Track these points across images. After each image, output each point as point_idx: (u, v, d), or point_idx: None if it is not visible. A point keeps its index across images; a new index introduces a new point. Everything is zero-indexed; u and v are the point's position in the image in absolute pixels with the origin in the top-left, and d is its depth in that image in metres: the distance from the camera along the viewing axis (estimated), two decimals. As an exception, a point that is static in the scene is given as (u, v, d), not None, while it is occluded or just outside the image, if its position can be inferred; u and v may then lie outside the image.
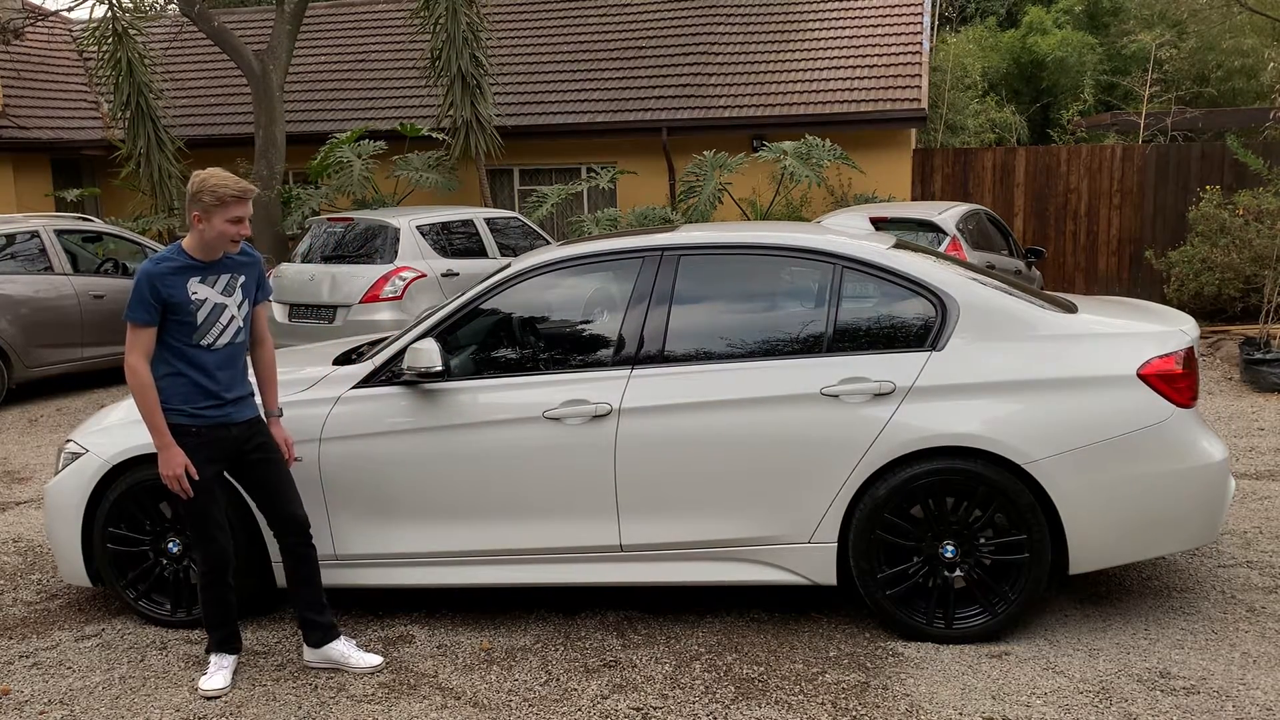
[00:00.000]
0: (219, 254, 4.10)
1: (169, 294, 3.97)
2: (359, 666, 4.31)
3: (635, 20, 18.11)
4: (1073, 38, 25.77)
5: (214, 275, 4.09)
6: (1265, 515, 5.89)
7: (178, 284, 4.00)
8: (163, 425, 4.00)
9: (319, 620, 4.32)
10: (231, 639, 4.29)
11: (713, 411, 4.40)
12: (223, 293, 4.11)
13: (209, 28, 14.43)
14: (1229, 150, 13.15)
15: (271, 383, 4.37)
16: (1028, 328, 4.40)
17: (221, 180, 3.99)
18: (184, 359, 4.05)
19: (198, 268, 4.06)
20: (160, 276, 3.98)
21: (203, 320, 4.05)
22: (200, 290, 4.04)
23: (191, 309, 4.01)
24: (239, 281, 4.16)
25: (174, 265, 4.02)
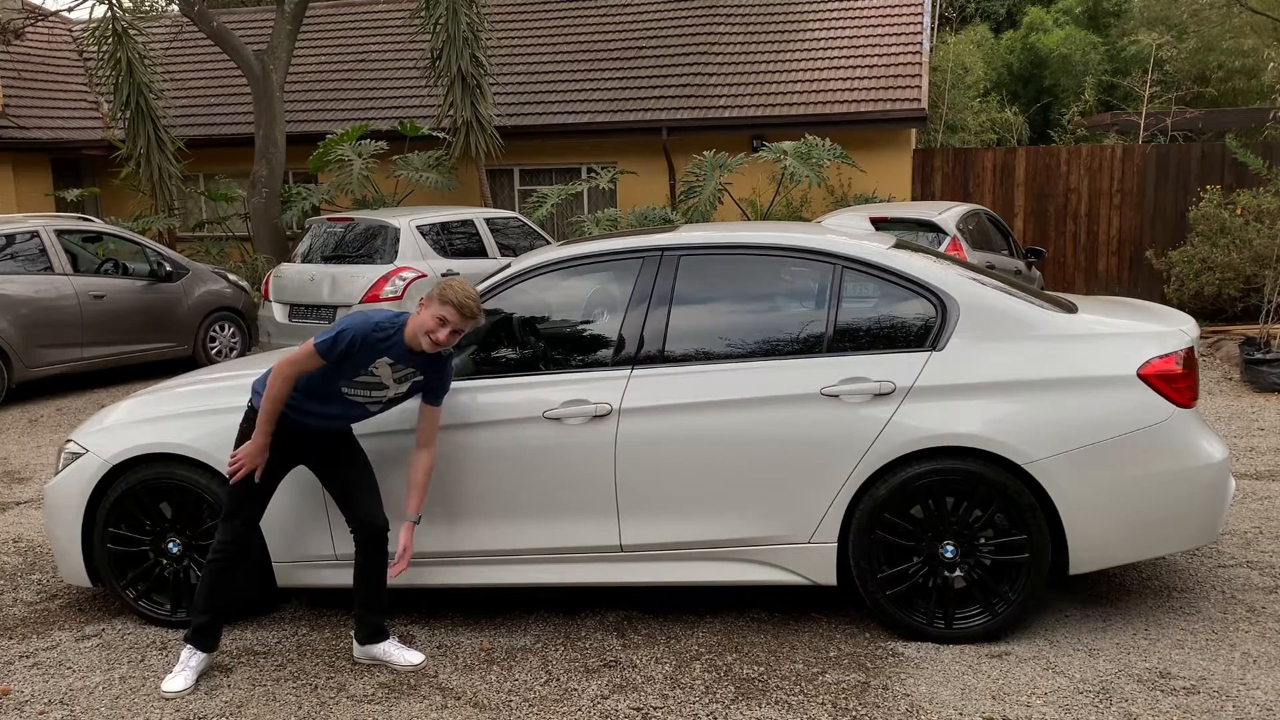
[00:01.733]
0: (419, 347, 4.13)
1: (356, 358, 4.08)
2: (401, 663, 4.35)
3: (635, 20, 18.11)
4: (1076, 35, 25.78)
5: (403, 365, 4.17)
6: (1265, 515, 5.89)
7: (367, 359, 4.10)
8: (268, 431, 4.12)
9: (373, 620, 4.38)
10: (209, 633, 4.30)
11: (713, 412, 4.40)
12: (397, 381, 4.20)
13: (209, 28, 14.43)
14: (1229, 150, 13.16)
15: (419, 489, 4.34)
16: (1028, 328, 4.40)
17: (461, 287, 4.07)
18: (322, 387, 4.15)
19: (398, 355, 4.13)
20: (365, 342, 4.07)
21: (359, 381, 4.16)
22: (381, 371, 4.15)
23: (359, 375, 4.13)
24: (416, 378, 4.23)
25: (383, 339, 4.09)
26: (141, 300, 11.05)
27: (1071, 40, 25.58)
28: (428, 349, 4.11)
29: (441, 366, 4.26)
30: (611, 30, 17.94)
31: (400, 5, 19.22)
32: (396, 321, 4.13)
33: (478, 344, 4.73)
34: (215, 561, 4.23)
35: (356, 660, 4.41)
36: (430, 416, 4.31)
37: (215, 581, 4.25)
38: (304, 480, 4.55)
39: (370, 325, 4.08)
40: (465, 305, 4.05)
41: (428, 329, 4.06)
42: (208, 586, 4.25)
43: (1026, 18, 27.99)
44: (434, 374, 4.25)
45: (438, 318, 4.05)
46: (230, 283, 12.13)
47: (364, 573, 4.36)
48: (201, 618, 4.27)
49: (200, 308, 11.63)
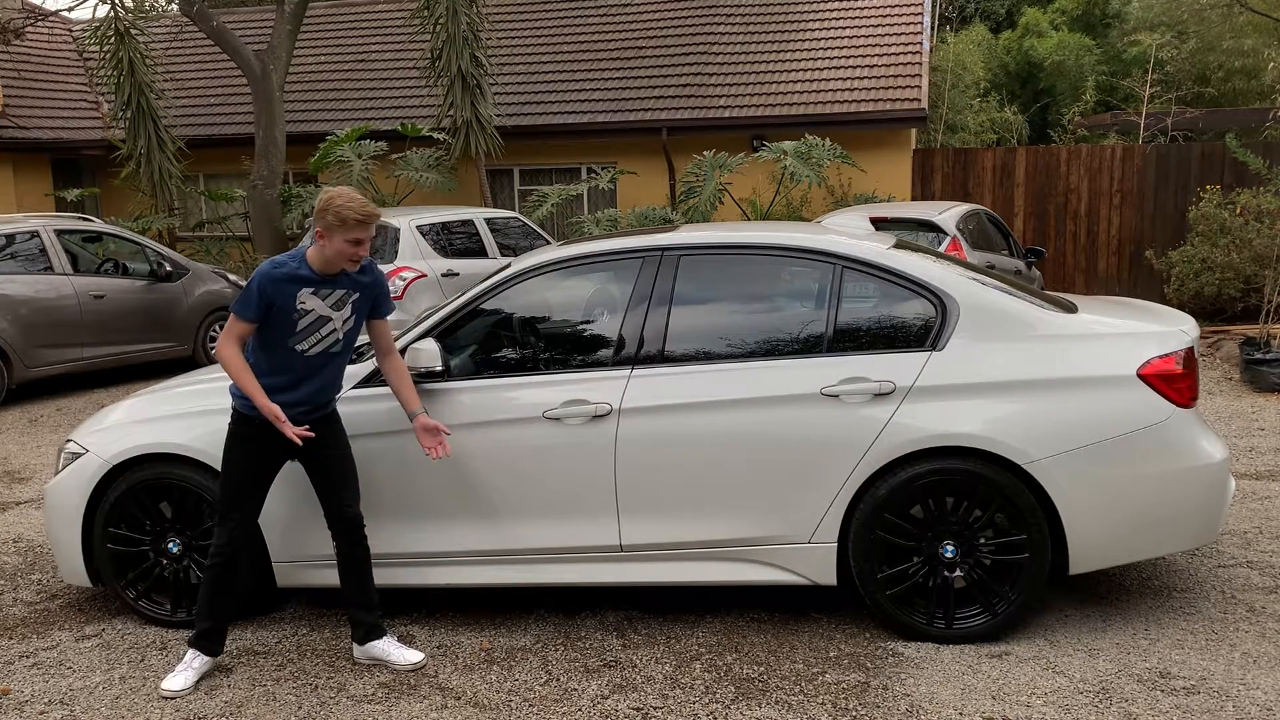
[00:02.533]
0: (337, 270, 4.13)
1: (277, 299, 4.03)
2: (400, 662, 4.34)
3: (635, 20, 18.11)
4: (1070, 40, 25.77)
5: (328, 289, 4.14)
6: (1265, 515, 5.89)
7: (288, 292, 4.06)
8: (258, 389, 4.05)
9: (364, 618, 4.37)
10: (213, 637, 4.30)
11: (713, 412, 4.40)
12: (332, 307, 4.16)
13: (209, 28, 14.43)
14: (1229, 150, 13.16)
15: (407, 386, 4.34)
16: (1028, 328, 4.40)
17: (347, 202, 4.00)
18: (273, 355, 4.12)
19: (313, 280, 4.10)
20: (273, 281, 4.03)
21: (302, 328, 4.11)
22: (309, 301, 4.10)
23: (294, 317, 4.08)
24: (351, 298, 4.20)
25: (288, 273, 4.06)
26: (141, 300, 11.05)
27: (1065, 46, 25.56)
28: (352, 269, 4.10)
29: (367, 277, 4.22)
30: (611, 30, 17.94)
31: (400, 5, 19.21)
32: (296, 253, 4.11)
33: (478, 344, 4.73)
34: (214, 565, 4.23)
35: (356, 660, 4.41)
36: (383, 328, 4.32)
37: (216, 584, 4.24)
38: (304, 480, 4.55)
39: (270, 265, 4.05)
40: (366, 213, 3.99)
41: (347, 255, 4.03)
42: (209, 590, 4.25)
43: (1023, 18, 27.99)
44: (367, 286, 4.22)
45: (351, 240, 4.01)
46: (230, 283, 12.13)
47: (346, 568, 4.35)
48: (205, 622, 4.28)
49: (200, 308, 11.63)
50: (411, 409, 4.34)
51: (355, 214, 3.99)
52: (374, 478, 4.57)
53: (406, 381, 4.36)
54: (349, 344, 4.28)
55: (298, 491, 4.57)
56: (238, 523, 4.23)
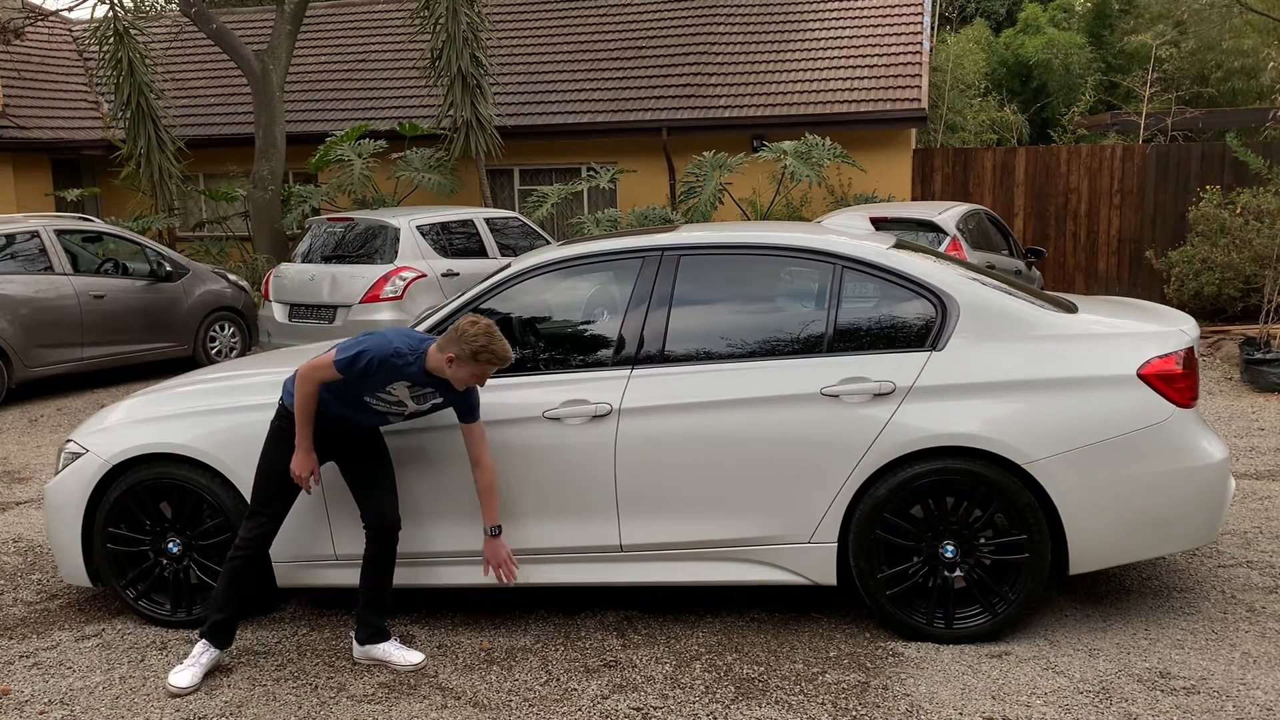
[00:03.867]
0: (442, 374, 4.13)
1: (374, 377, 4.07)
2: (401, 663, 4.35)
3: (635, 20, 18.12)
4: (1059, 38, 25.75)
5: (419, 389, 4.18)
6: (1265, 515, 5.89)
7: (385, 381, 4.11)
8: (308, 433, 4.14)
9: (375, 621, 4.38)
10: (224, 630, 4.31)
11: (713, 412, 4.39)
12: (415, 399, 4.22)
13: (209, 28, 14.43)
14: (1229, 150, 13.15)
15: (489, 503, 4.33)
16: (1028, 328, 4.40)
17: (490, 344, 4.00)
18: (346, 396, 4.16)
19: (416, 379, 4.13)
20: (384, 365, 4.04)
21: (379, 397, 4.17)
22: (399, 391, 4.16)
23: (377, 391, 4.14)
24: (435, 399, 4.24)
25: (399, 367, 4.06)
26: (141, 300, 11.04)
27: (1053, 45, 25.53)
28: (459, 388, 4.14)
29: (458, 391, 4.22)
30: (611, 30, 17.94)
31: (400, 5, 19.22)
32: (419, 349, 4.09)
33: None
34: (236, 558, 4.25)
35: (356, 660, 4.41)
36: (471, 434, 4.29)
37: (234, 577, 4.27)
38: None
39: (390, 350, 4.04)
40: (494, 355, 4.03)
41: (467, 384, 4.09)
42: (227, 583, 4.27)
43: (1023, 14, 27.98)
44: (455, 396, 4.24)
45: (476, 375, 4.06)
46: (230, 283, 12.12)
47: (371, 569, 4.36)
48: (219, 615, 4.29)
49: (200, 308, 11.63)
50: (486, 523, 4.36)
51: (495, 360, 4.03)
52: (374, 478, 4.56)
53: (491, 499, 4.34)
54: (410, 419, 4.36)
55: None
56: (268, 518, 4.26)
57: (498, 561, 4.38)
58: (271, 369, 5.04)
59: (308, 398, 4.11)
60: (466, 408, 4.26)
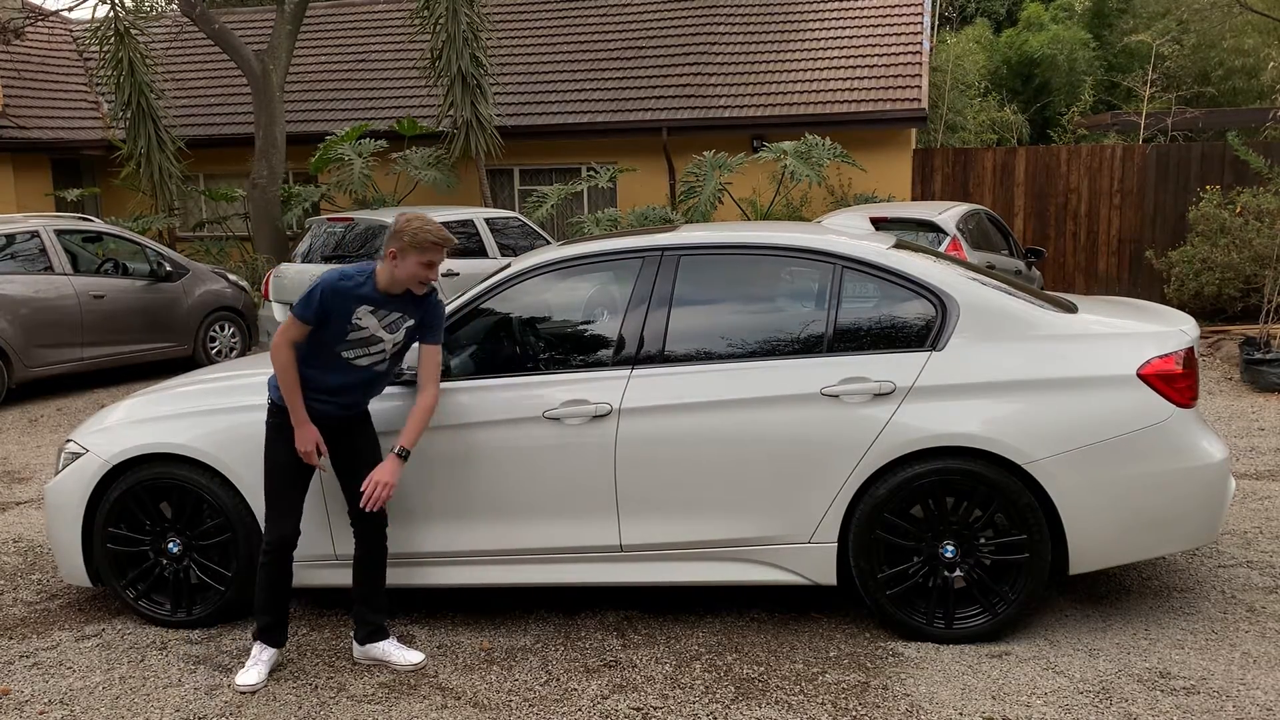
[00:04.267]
0: (402, 290, 4.16)
1: (334, 310, 4.08)
2: (401, 663, 4.35)
3: (635, 20, 18.12)
4: (1064, 34, 25.74)
5: (385, 311, 4.17)
6: (1265, 515, 5.89)
7: (347, 308, 4.10)
8: (299, 403, 4.13)
9: (372, 619, 4.38)
10: (276, 630, 4.32)
11: (713, 412, 4.39)
12: (386, 329, 4.19)
13: (210, 28, 14.43)
14: (1229, 150, 13.15)
15: (415, 426, 4.26)
16: (1028, 328, 4.40)
17: (424, 225, 4.06)
18: (320, 356, 4.15)
19: (374, 299, 4.13)
20: (337, 293, 4.07)
21: (353, 340, 4.15)
22: (365, 320, 4.14)
23: (346, 329, 4.12)
24: (406, 323, 4.23)
25: (352, 288, 4.09)
26: (141, 300, 11.05)
27: (1057, 40, 25.53)
28: (418, 291, 4.14)
29: (425, 302, 4.26)
30: (611, 30, 17.94)
31: (400, 5, 19.22)
32: (366, 269, 4.16)
33: (478, 344, 4.73)
34: (266, 564, 4.24)
35: (356, 661, 4.41)
36: (430, 356, 4.29)
37: (270, 580, 4.26)
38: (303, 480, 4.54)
39: (338, 275, 4.09)
40: (443, 237, 4.07)
41: (419, 277, 4.09)
42: (265, 586, 4.26)
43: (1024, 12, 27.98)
44: (422, 312, 4.24)
45: (424, 262, 4.06)
46: (230, 283, 12.12)
47: (362, 567, 4.36)
48: (266, 617, 4.30)
49: (200, 308, 11.63)
50: (399, 444, 4.24)
51: (432, 237, 4.05)
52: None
53: (420, 422, 4.27)
54: (395, 363, 4.33)
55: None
56: (285, 517, 4.23)
57: (382, 479, 4.18)
58: (271, 369, 5.04)
59: (286, 366, 4.10)
60: (433, 324, 4.28)
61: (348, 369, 4.20)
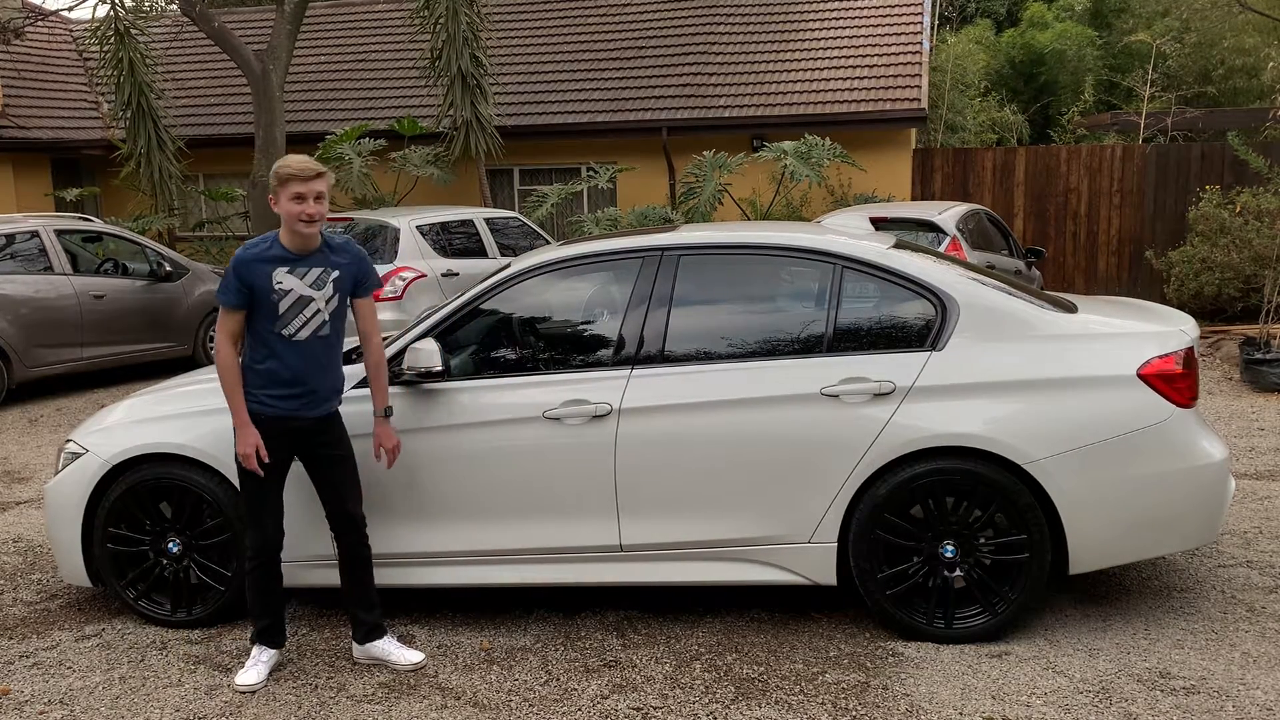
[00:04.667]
0: (311, 244, 4.11)
1: (253, 280, 4.02)
2: (401, 662, 4.34)
3: (635, 20, 18.11)
4: (1072, 30, 25.75)
5: (304, 268, 4.11)
6: (1265, 515, 5.89)
7: (263, 272, 4.04)
8: (241, 404, 4.08)
9: (366, 618, 4.37)
10: (273, 631, 4.32)
11: (713, 411, 4.40)
12: (312, 285, 4.12)
13: (209, 28, 14.43)
14: (1229, 150, 13.15)
15: (378, 381, 4.32)
16: (1028, 328, 4.40)
17: (284, 160, 4.05)
18: (266, 345, 4.10)
19: (286, 258, 4.09)
20: (246, 263, 4.03)
21: (284, 310, 4.08)
22: (286, 280, 4.07)
23: (274, 299, 4.05)
24: (331, 276, 4.16)
25: (260, 252, 4.07)
26: (141, 300, 11.05)
27: (1066, 36, 25.54)
28: (307, 230, 4.05)
29: (346, 253, 4.22)
30: (611, 30, 17.94)
31: (400, 5, 19.21)
32: (268, 235, 4.13)
33: (478, 344, 4.73)
34: (252, 570, 4.24)
35: (356, 660, 4.41)
36: (367, 308, 4.29)
37: (260, 585, 4.25)
38: (303, 479, 4.55)
39: (243, 247, 4.07)
40: (304, 168, 4.01)
41: (295, 214, 4.01)
42: (258, 591, 4.26)
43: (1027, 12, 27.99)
44: (345, 264, 4.20)
45: (294, 195, 4.00)
46: (230, 283, 12.10)
47: (348, 568, 4.35)
48: (262, 620, 4.30)
49: (200, 308, 11.63)
50: (376, 408, 4.32)
51: (291, 169, 4.00)
52: (374, 477, 4.56)
53: (380, 376, 4.34)
54: (337, 326, 4.24)
55: (296, 492, 4.57)
56: (269, 525, 4.21)
57: (390, 445, 4.31)
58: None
59: (226, 364, 4.06)
60: (363, 277, 4.24)
61: (296, 349, 4.11)
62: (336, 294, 4.19)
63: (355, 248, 4.30)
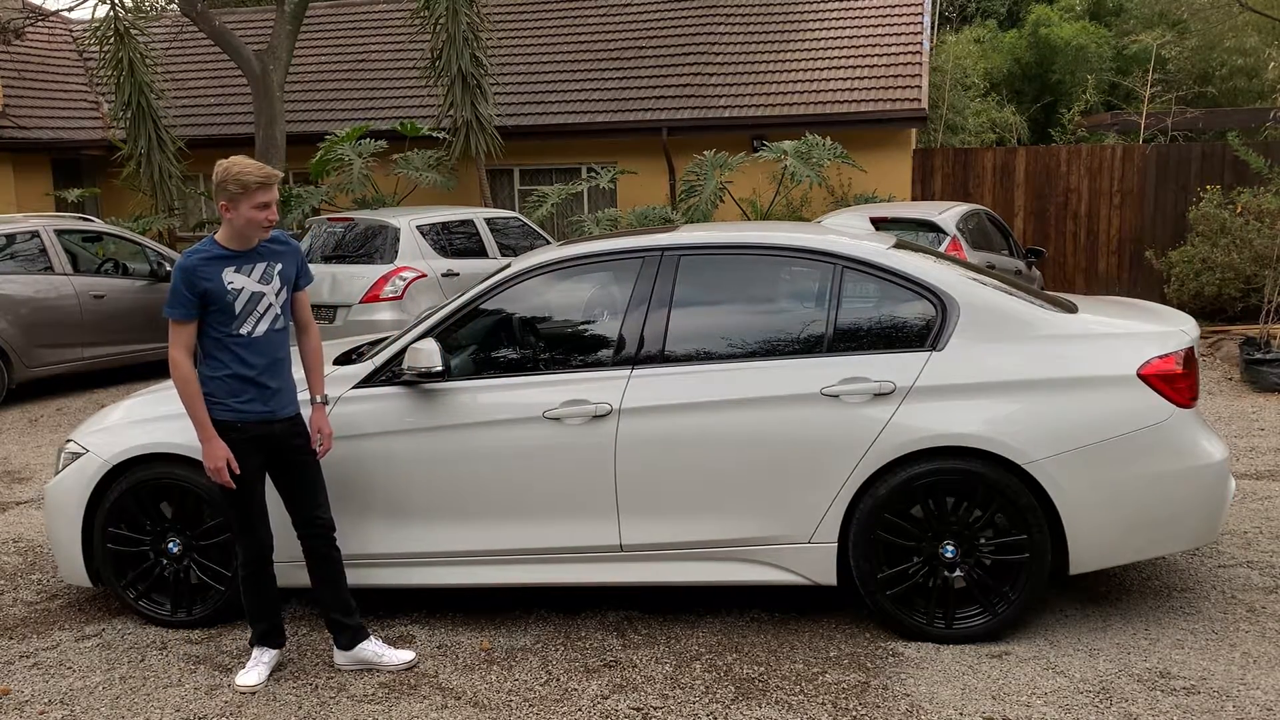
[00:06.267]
0: (253, 242, 4.11)
1: (205, 285, 4.00)
2: (392, 664, 4.32)
3: (635, 20, 18.11)
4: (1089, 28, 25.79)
5: (249, 264, 4.10)
6: (1265, 515, 5.89)
7: (213, 274, 4.02)
8: (205, 418, 4.03)
9: (346, 622, 4.33)
10: (273, 633, 4.32)
11: (713, 412, 4.39)
12: (260, 280, 4.11)
13: (209, 28, 14.43)
14: (1229, 150, 13.14)
15: (317, 369, 4.35)
16: (1028, 328, 4.40)
17: (244, 168, 4.01)
18: (225, 350, 4.07)
19: (231, 257, 4.07)
20: (194, 269, 4.00)
21: (240, 309, 4.06)
22: (236, 279, 4.06)
23: (228, 299, 4.03)
24: (276, 269, 4.17)
25: (207, 256, 4.04)
26: (141, 300, 11.05)
27: (1086, 32, 25.57)
28: (264, 235, 4.09)
29: (286, 248, 4.22)
30: (611, 30, 17.93)
31: (400, 5, 19.20)
32: (208, 239, 4.10)
33: (478, 344, 4.73)
34: (246, 578, 4.23)
35: (339, 667, 4.35)
36: (301, 300, 4.30)
37: (253, 588, 4.24)
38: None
39: (185, 256, 4.03)
40: (266, 174, 4.01)
41: (258, 220, 4.02)
42: (255, 596, 4.25)
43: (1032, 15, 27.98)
44: (286, 258, 4.20)
45: (258, 204, 4.00)
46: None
47: (321, 574, 4.30)
48: (261, 624, 4.29)
49: (200, 308, 11.61)
50: (314, 394, 4.31)
51: (255, 177, 3.99)
52: (373, 477, 4.57)
53: (318, 363, 4.35)
54: (287, 318, 4.24)
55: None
56: (260, 530, 4.18)
57: (327, 430, 4.29)
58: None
59: (186, 378, 4.00)
60: (301, 269, 4.26)
61: (254, 347, 4.08)
62: (284, 285, 4.20)
63: (289, 239, 4.30)
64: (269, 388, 4.13)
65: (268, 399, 4.13)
